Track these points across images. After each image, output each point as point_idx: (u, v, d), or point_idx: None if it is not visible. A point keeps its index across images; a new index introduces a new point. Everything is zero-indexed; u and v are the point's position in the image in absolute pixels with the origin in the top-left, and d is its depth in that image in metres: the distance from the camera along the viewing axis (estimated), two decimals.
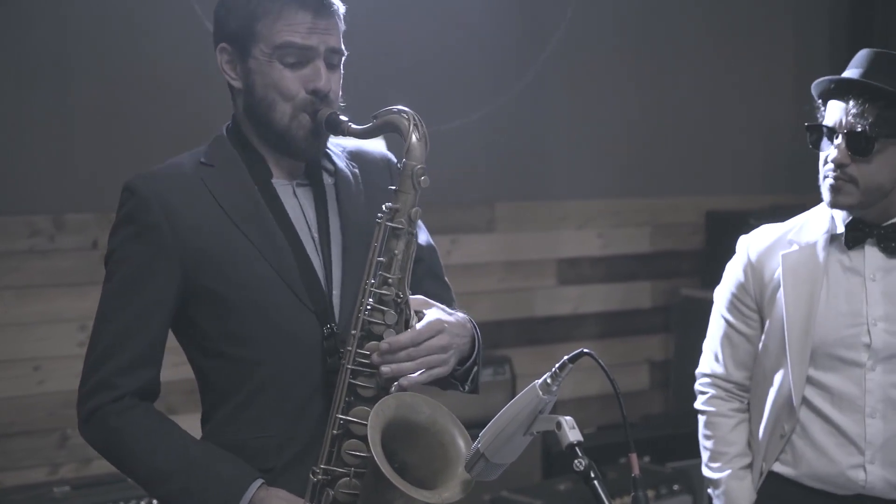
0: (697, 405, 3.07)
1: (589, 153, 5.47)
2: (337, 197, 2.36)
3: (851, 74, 2.80)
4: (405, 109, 2.23)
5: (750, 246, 2.99)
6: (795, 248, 2.91)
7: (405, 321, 2.21)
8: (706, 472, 3.04)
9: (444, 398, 2.22)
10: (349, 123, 2.24)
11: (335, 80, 2.29)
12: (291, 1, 2.23)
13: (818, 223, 2.92)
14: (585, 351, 1.97)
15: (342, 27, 2.30)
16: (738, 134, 5.90)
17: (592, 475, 1.94)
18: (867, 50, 2.84)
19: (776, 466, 2.93)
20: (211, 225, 2.24)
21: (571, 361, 1.97)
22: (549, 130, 5.37)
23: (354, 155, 2.44)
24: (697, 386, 3.08)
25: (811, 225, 2.93)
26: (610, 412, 5.36)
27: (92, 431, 2.25)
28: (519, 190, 5.32)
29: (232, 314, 2.23)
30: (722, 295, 3.04)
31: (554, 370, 1.98)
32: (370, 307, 2.19)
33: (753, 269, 2.96)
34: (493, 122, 5.14)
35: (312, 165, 2.36)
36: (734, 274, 3.01)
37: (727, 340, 3.02)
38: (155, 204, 2.22)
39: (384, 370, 2.17)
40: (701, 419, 3.06)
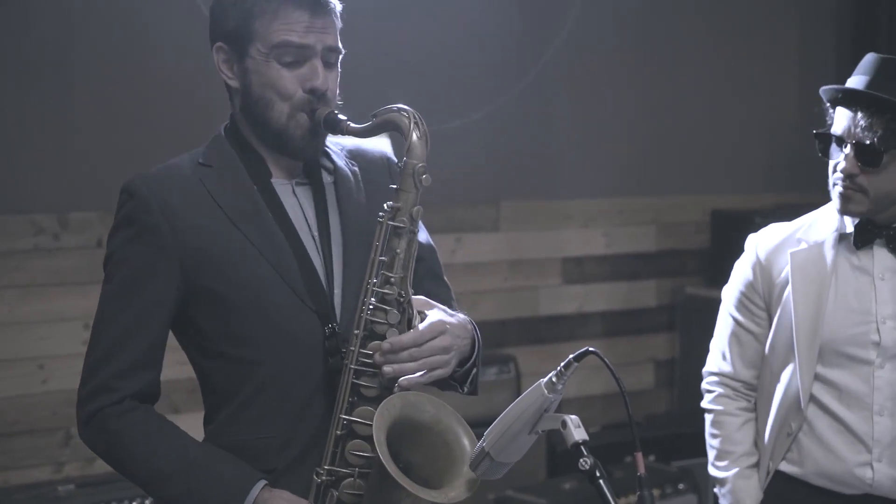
0: (704, 404, 3.07)
1: (593, 152, 5.46)
2: (337, 195, 2.35)
3: (858, 82, 2.78)
4: (405, 108, 2.22)
5: (759, 244, 2.99)
6: (804, 246, 2.91)
7: (408, 320, 2.20)
8: (712, 470, 3.05)
9: (447, 397, 2.22)
10: (348, 122, 2.23)
11: (332, 78, 2.28)
12: (288, 0, 2.22)
13: (827, 222, 2.92)
14: (591, 350, 1.96)
15: (339, 25, 2.29)
16: (742, 133, 5.89)
17: (598, 474, 1.93)
18: (874, 55, 2.82)
19: (783, 466, 2.94)
20: (210, 225, 2.23)
21: (577, 360, 1.97)
22: (553, 129, 5.36)
23: (354, 154, 2.43)
24: (704, 384, 3.08)
25: (820, 223, 2.94)
26: (614, 411, 5.35)
27: (92, 434, 2.25)
28: (523, 189, 5.31)
29: (232, 314, 2.23)
30: (730, 293, 3.04)
31: (559, 369, 1.97)
32: (373, 306, 2.18)
33: (762, 267, 2.96)
34: (497, 120, 5.13)
35: (311, 164, 2.35)
36: (742, 272, 3.01)
37: (735, 339, 3.02)
38: (154, 205, 2.21)
39: (386, 370, 2.16)
40: (708, 418, 3.06)
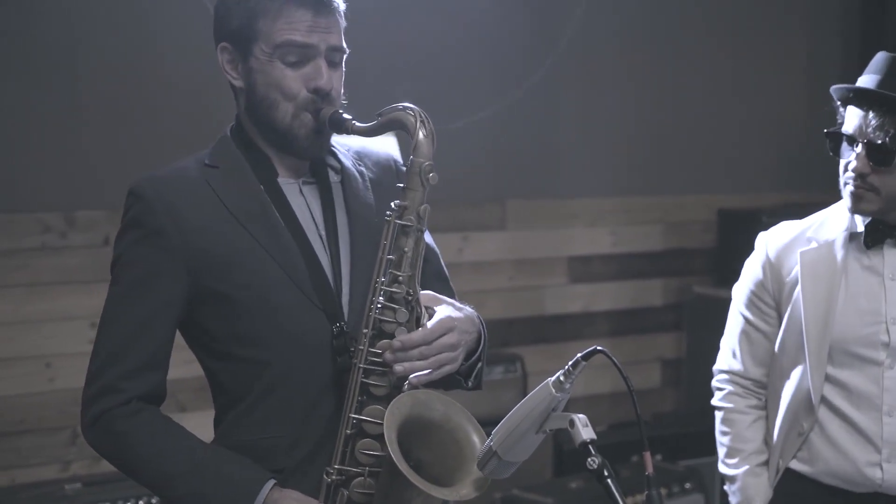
0: (714, 401, 3.07)
1: (600, 151, 5.46)
2: (344, 195, 2.34)
3: (869, 81, 2.77)
4: (411, 106, 2.22)
5: (769, 243, 2.99)
6: (814, 245, 2.90)
7: (416, 318, 2.20)
8: (723, 468, 3.05)
9: (453, 396, 2.21)
10: (353, 121, 2.23)
11: (337, 78, 2.27)
12: None
13: (837, 221, 2.92)
14: (599, 349, 1.96)
15: (343, 24, 2.28)
16: (749, 132, 5.88)
17: (606, 473, 1.93)
18: (885, 54, 2.81)
19: (793, 464, 2.93)
20: (217, 226, 2.22)
21: (585, 359, 1.96)
22: (559, 128, 5.36)
23: (361, 155, 2.42)
24: (715, 382, 3.08)
25: (830, 222, 2.93)
26: (621, 410, 5.34)
27: (97, 436, 2.24)
28: (530, 188, 5.30)
29: (240, 315, 2.22)
30: (740, 292, 3.04)
31: (567, 368, 1.97)
32: (381, 305, 2.18)
33: (772, 266, 2.96)
34: (503, 119, 5.13)
35: (318, 164, 2.34)
36: (752, 271, 3.01)
37: (745, 337, 3.02)
38: (159, 207, 2.21)
39: (398, 369, 2.15)
40: (718, 415, 3.06)
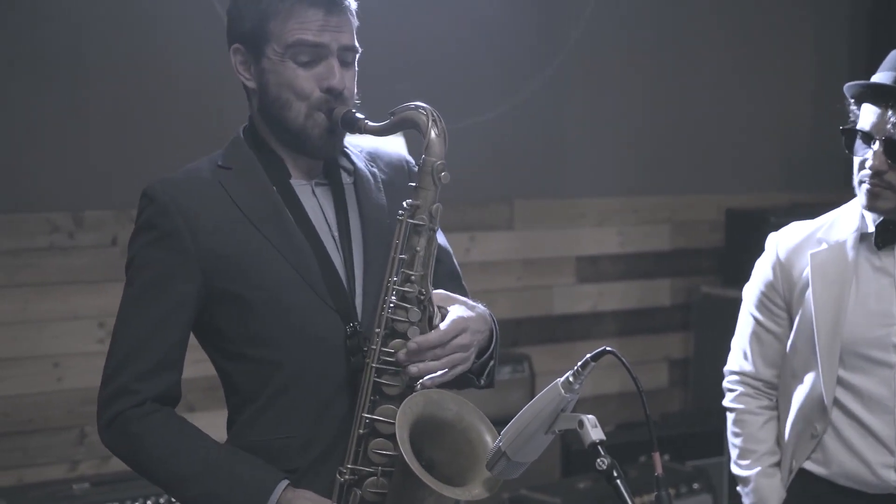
0: (726, 403, 3.06)
1: (608, 150, 5.45)
2: (356, 196, 2.34)
3: (885, 78, 2.74)
4: (423, 105, 2.22)
5: (779, 244, 2.97)
6: (824, 246, 2.88)
7: (429, 318, 2.20)
8: (735, 469, 3.03)
9: (464, 395, 2.21)
10: (366, 121, 2.23)
11: (349, 77, 2.27)
12: None
13: (848, 221, 2.89)
14: (608, 349, 1.95)
15: (355, 23, 2.28)
16: (757, 131, 5.88)
17: (615, 474, 1.92)
18: None
19: (807, 464, 2.91)
20: (230, 228, 2.23)
21: (594, 359, 1.95)
22: (567, 127, 5.35)
23: (373, 156, 2.42)
24: (725, 383, 3.07)
25: (841, 223, 2.91)
26: (628, 410, 5.34)
27: (113, 437, 2.24)
28: (537, 187, 5.30)
29: (253, 316, 2.22)
30: (751, 292, 3.02)
31: (576, 368, 1.96)
32: (393, 305, 2.18)
33: (782, 267, 2.94)
34: (511, 119, 5.13)
35: (331, 164, 2.34)
36: (763, 272, 2.99)
37: (756, 338, 3.00)
38: (173, 209, 2.21)
39: (412, 370, 2.16)
40: (730, 417, 3.05)
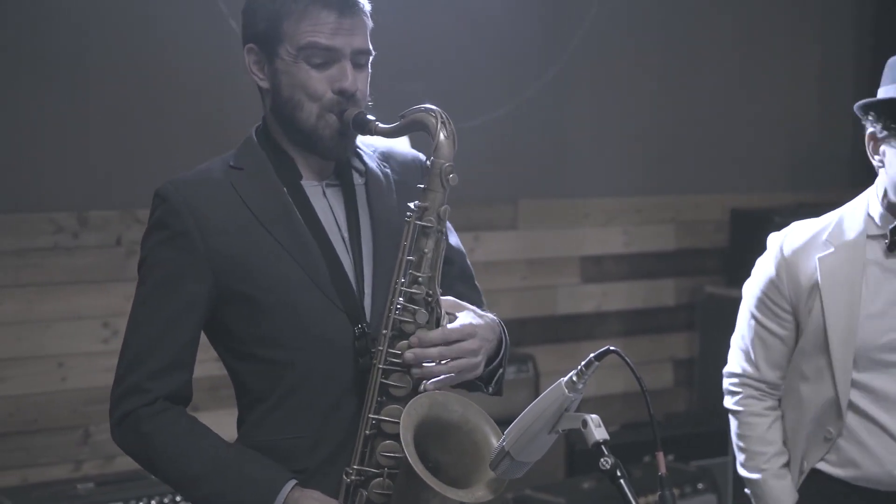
0: (729, 405, 3.01)
1: (612, 150, 5.45)
2: (367, 197, 2.34)
3: (892, 91, 2.70)
4: (433, 107, 2.22)
5: (784, 244, 2.90)
6: (832, 250, 2.83)
7: (436, 320, 2.20)
8: (743, 472, 2.99)
9: (470, 398, 2.21)
10: (376, 122, 2.23)
11: (362, 79, 2.27)
12: (316, 1, 2.21)
13: (853, 222, 2.85)
14: (612, 349, 1.95)
15: (370, 25, 2.28)
16: (761, 131, 5.87)
17: (619, 474, 1.93)
18: None
19: (820, 465, 2.89)
20: (240, 228, 2.24)
21: (598, 359, 1.96)
22: (572, 127, 5.35)
23: (386, 155, 2.42)
24: (727, 385, 3.02)
25: (846, 224, 2.86)
26: (633, 410, 5.33)
27: (124, 435, 2.26)
28: (542, 187, 5.30)
29: (263, 317, 2.23)
30: (752, 293, 2.95)
31: (580, 368, 1.96)
32: (401, 306, 2.19)
33: (788, 268, 2.87)
34: (516, 119, 5.13)
35: (342, 165, 2.35)
36: (767, 273, 2.92)
37: (760, 342, 2.94)
38: (184, 209, 2.22)
39: (415, 372, 2.16)
40: (734, 419, 3.00)
